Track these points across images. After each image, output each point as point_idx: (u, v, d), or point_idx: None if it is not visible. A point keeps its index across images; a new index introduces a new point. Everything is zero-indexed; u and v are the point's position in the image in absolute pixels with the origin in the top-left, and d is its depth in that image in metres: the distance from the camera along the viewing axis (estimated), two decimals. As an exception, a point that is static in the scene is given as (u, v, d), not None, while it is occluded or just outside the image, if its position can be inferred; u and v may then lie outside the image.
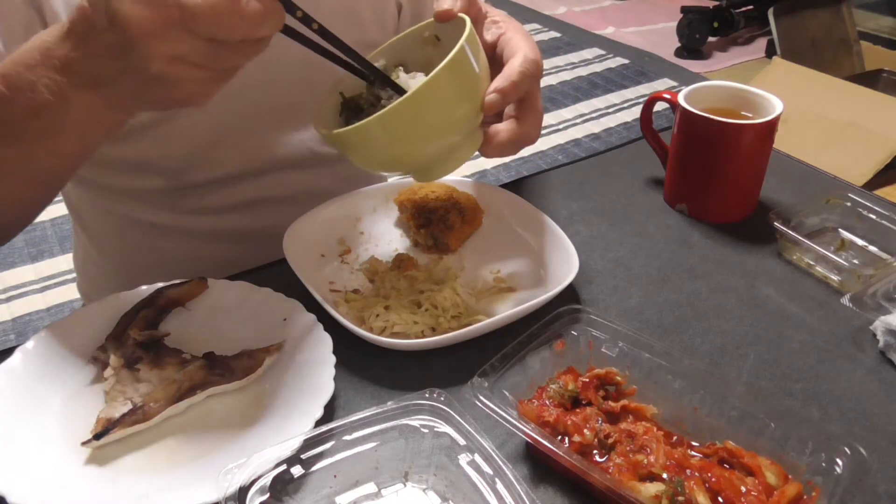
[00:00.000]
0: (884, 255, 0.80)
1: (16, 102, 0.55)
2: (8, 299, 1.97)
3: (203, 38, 0.49)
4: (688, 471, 0.53)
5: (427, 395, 0.56)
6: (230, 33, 0.49)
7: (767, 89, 0.86)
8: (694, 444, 0.57)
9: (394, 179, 0.89)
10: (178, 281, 0.71)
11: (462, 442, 0.54)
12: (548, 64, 3.31)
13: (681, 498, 0.51)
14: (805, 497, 0.52)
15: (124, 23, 0.48)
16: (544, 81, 3.14)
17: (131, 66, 0.50)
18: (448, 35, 0.66)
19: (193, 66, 0.50)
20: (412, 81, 0.64)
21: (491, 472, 0.52)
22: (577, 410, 0.58)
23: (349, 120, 0.66)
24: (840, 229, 0.83)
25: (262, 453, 0.52)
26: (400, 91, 0.63)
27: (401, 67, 0.67)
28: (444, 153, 0.64)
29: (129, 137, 0.78)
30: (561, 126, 2.82)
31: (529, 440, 0.56)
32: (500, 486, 0.51)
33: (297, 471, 0.52)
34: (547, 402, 0.58)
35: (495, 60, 0.66)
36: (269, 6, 0.49)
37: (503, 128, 0.65)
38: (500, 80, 0.62)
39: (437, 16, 0.64)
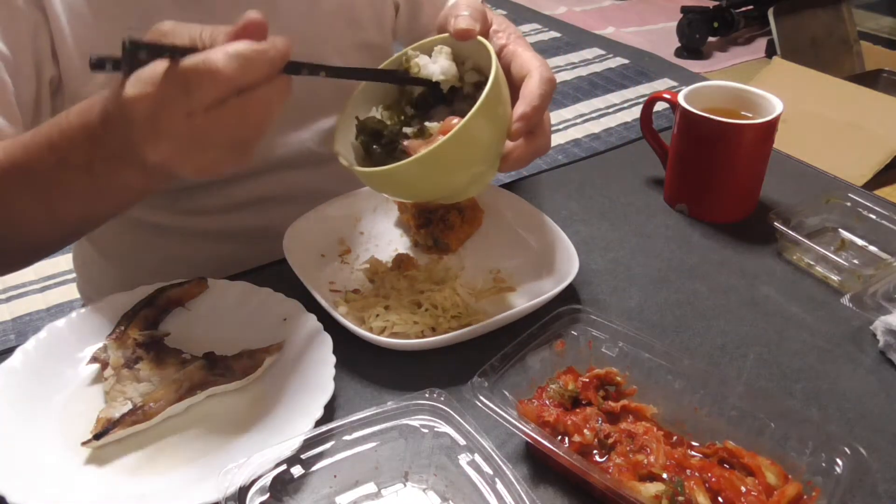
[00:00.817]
0: (884, 255, 0.80)
1: (70, 168, 0.58)
2: (8, 299, 1.97)
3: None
4: (688, 471, 0.53)
5: (427, 395, 0.56)
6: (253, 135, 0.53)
7: (767, 89, 0.86)
8: (694, 444, 0.57)
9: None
10: (178, 281, 0.71)
11: (462, 442, 0.54)
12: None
13: (681, 498, 0.51)
14: (805, 497, 0.52)
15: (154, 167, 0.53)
16: (544, 82, 3.14)
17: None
18: (460, 51, 0.65)
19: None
20: (435, 67, 0.64)
21: (491, 472, 0.52)
22: (577, 410, 0.58)
23: (367, 146, 0.66)
24: (840, 229, 0.83)
25: (262, 453, 0.52)
26: (426, 84, 0.63)
27: (417, 53, 0.66)
28: (470, 182, 0.65)
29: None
30: (561, 126, 2.82)
31: (529, 440, 0.56)
32: (500, 486, 0.51)
33: (297, 471, 0.52)
34: (547, 402, 0.58)
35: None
36: (268, 104, 0.51)
37: (518, 144, 0.64)
38: (523, 106, 0.62)
39: (456, 34, 0.63)
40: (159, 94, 0.49)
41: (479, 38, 0.62)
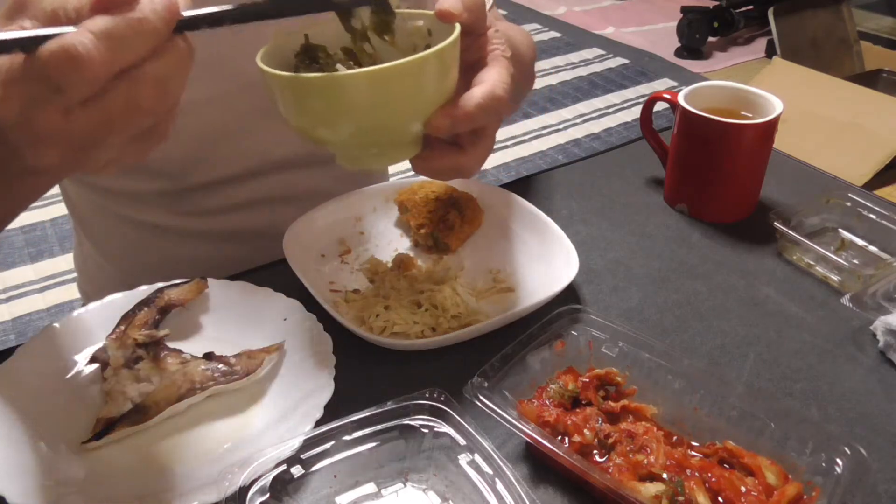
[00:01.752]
0: (884, 255, 0.80)
1: None
2: (8, 299, 1.97)
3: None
4: (688, 471, 0.53)
5: (427, 395, 0.56)
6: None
7: (767, 89, 0.86)
8: (694, 444, 0.57)
9: (394, 179, 0.89)
10: (178, 281, 0.71)
11: (462, 442, 0.54)
12: (548, 64, 3.31)
13: (681, 498, 0.51)
14: (805, 497, 0.52)
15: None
16: (544, 81, 3.14)
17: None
18: (440, 35, 0.63)
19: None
20: None
21: (491, 472, 0.52)
22: (577, 410, 0.58)
23: (299, 62, 0.60)
24: (840, 229, 0.83)
25: (262, 453, 0.52)
26: (367, 3, 0.57)
27: None
28: (377, 145, 0.59)
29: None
30: (561, 126, 2.83)
31: (529, 440, 0.56)
32: (500, 486, 0.51)
33: (297, 471, 0.52)
34: (547, 402, 0.58)
35: (472, 69, 0.60)
36: (162, 81, 0.41)
37: (440, 151, 0.59)
38: (456, 107, 0.56)
39: (438, 13, 0.58)
40: (24, 95, 0.40)
41: (457, 24, 0.57)
